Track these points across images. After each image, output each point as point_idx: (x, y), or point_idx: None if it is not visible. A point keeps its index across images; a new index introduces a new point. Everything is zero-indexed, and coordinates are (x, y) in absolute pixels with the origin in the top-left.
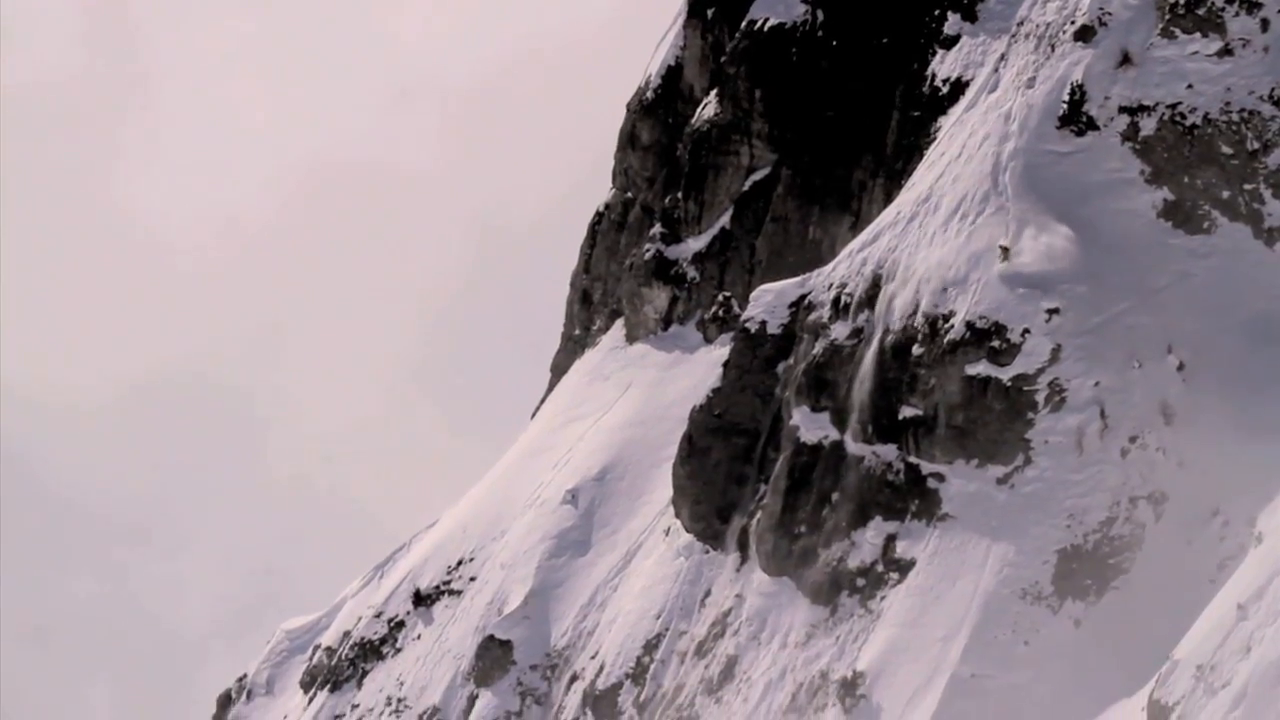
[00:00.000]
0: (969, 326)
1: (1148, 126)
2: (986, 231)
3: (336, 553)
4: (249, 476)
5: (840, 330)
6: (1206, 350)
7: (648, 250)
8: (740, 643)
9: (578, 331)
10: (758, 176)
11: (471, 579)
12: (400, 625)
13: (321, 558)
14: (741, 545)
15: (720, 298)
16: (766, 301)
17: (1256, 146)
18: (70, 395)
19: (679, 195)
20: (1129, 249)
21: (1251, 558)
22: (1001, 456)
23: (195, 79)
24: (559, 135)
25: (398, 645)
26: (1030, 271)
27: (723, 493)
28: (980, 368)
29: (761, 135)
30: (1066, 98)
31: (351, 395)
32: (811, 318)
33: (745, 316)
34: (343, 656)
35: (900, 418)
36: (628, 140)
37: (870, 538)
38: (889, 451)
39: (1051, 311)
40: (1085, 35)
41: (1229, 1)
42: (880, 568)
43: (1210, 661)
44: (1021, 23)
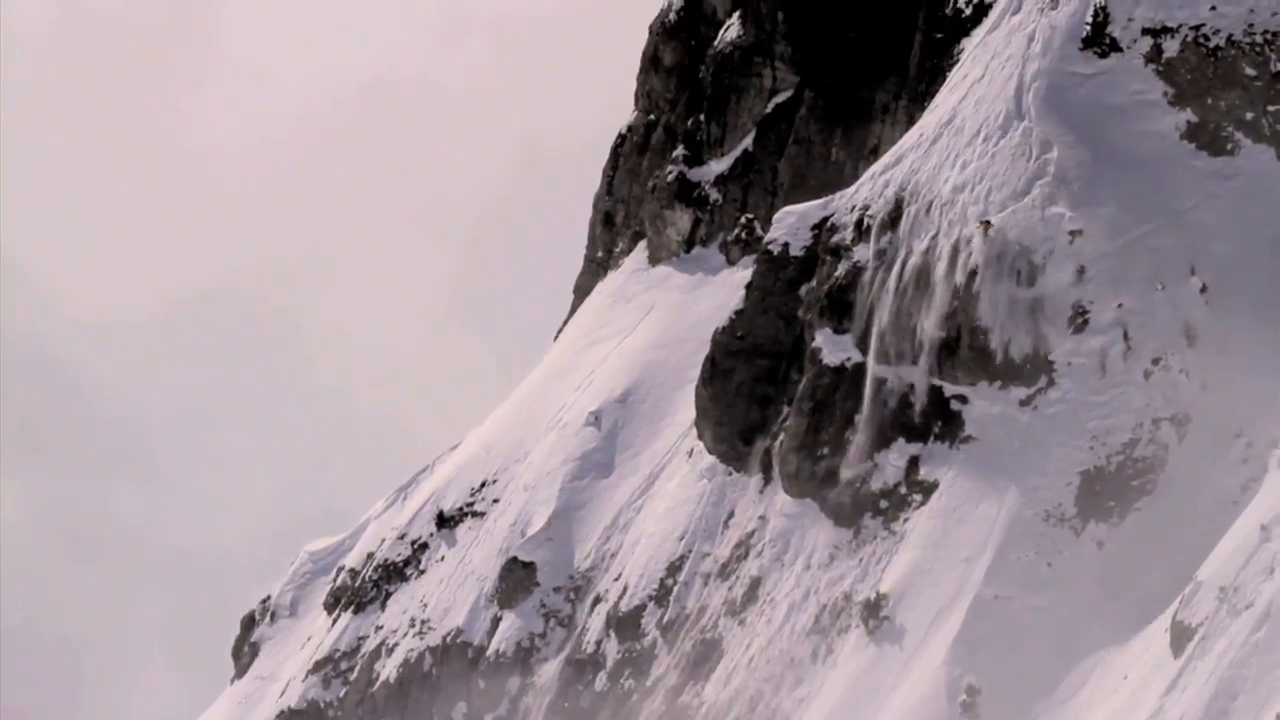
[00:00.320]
0: (992, 248)
1: (1171, 48)
2: (1009, 153)
3: (376, 475)
4: (291, 394)
5: (862, 252)
6: (1229, 272)
7: (670, 172)
8: (763, 564)
9: (600, 253)
10: (780, 99)
11: (495, 501)
12: (424, 547)
13: (359, 479)
14: (765, 467)
15: (743, 220)
16: (789, 223)
17: None
18: (115, 311)
19: (701, 117)
20: (1152, 171)
21: (1274, 479)
22: (1024, 378)
23: None
24: (606, 61)
25: (421, 567)
26: (1054, 193)
27: (745, 415)
28: (1003, 289)
29: (784, 57)
30: (1090, 19)
31: (395, 316)
32: (834, 240)
33: (768, 238)
34: (366, 578)
35: (922, 340)
36: (650, 62)
37: (893, 460)
38: (912, 373)
39: (1074, 233)
40: None
41: None
42: (903, 489)
43: (1233, 583)
44: None
